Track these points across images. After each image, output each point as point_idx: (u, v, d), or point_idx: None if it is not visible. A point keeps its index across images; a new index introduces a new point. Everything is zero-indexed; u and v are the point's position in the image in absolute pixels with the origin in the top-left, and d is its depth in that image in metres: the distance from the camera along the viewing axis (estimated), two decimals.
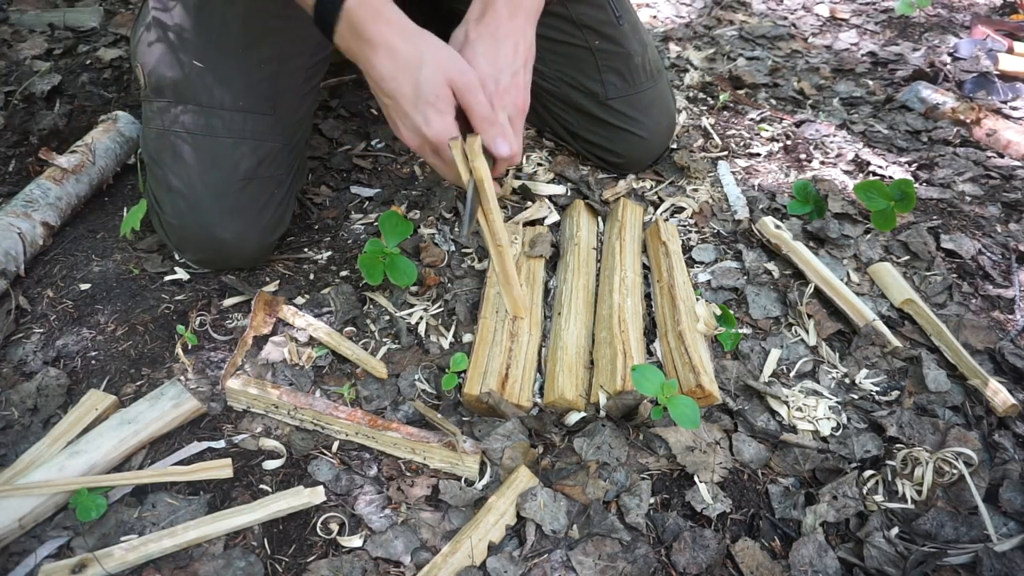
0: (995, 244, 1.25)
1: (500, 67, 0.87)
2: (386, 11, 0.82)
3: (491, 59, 0.87)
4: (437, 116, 0.82)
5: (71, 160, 1.23)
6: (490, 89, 0.85)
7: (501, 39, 0.88)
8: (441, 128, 0.82)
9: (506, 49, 0.88)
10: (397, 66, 0.82)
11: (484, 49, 0.87)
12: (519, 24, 0.90)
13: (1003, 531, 0.80)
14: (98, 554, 0.73)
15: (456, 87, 0.81)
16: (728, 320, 1.04)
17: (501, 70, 0.87)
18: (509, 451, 0.85)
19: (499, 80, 0.87)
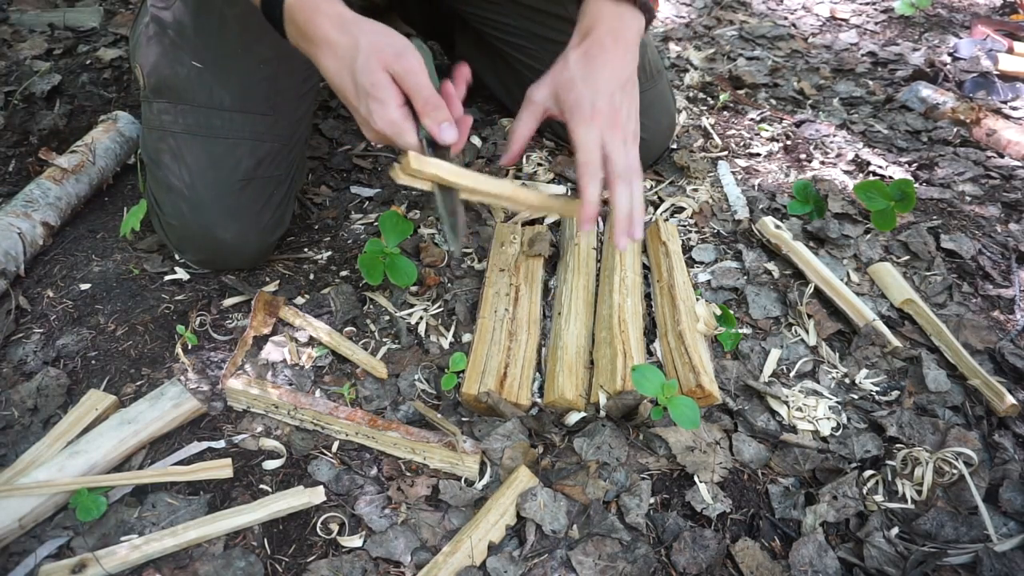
0: (995, 244, 1.25)
1: (597, 89, 0.85)
2: (324, 6, 0.79)
3: (589, 82, 0.85)
4: (379, 107, 0.77)
5: (71, 160, 1.23)
6: (586, 112, 0.84)
7: (599, 64, 0.86)
8: (385, 120, 0.77)
9: (604, 73, 0.86)
10: (338, 61, 0.79)
11: (581, 72, 0.86)
12: (619, 52, 0.88)
13: (1003, 531, 0.80)
14: (98, 554, 0.73)
15: (394, 73, 0.77)
16: (728, 320, 1.04)
17: (598, 92, 0.84)
18: (509, 451, 0.85)
19: (595, 103, 0.84)
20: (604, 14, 0.89)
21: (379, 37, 0.78)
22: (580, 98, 0.84)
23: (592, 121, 0.84)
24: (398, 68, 0.77)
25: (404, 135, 0.78)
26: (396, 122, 0.77)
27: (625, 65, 0.89)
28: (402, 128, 0.78)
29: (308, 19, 0.79)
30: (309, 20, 0.79)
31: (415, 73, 0.77)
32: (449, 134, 0.79)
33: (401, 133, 0.78)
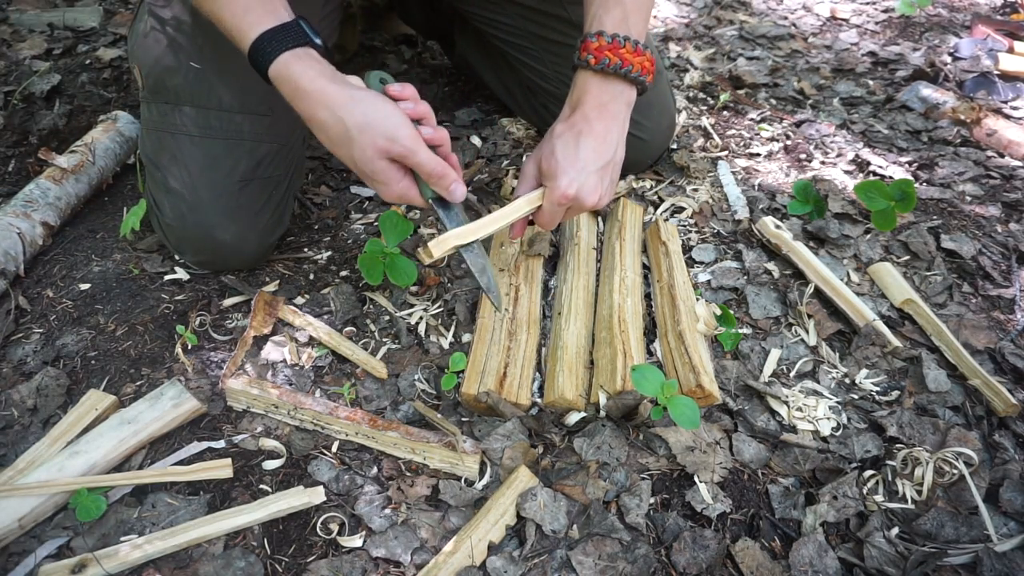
0: (995, 244, 1.25)
1: (578, 168, 0.89)
2: (305, 80, 0.80)
3: (569, 159, 0.89)
4: (384, 188, 0.84)
5: (71, 160, 1.23)
6: (558, 191, 0.88)
7: (583, 141, 0.90)
8: (392, 196, 0.85)
9: (586, 153, 0.90)
10: (332, 141, 0.83)
11: (563, 147, 0.90)
12: (604, 127, 0.92)
13: (1003, 531, 0.80)
14: (98, 554, 0.73)
15: (395, 157, 0.82)
16: (728, 320, 1.04)
17: (578, 171, 0.89)
18: (509, 451, 0.85)
19: (569, 184, 0.88)
20: (592, 87, 0.92)
21: (366, 118, 0.80)
22: (557, 174, 0.89)
23: (559, 203, 0.90)
24: (396, 152, 0.81)
25: (413, 201, 0.87)
26: (403, 195, 0.85)
27: (609, 143, 0.92)
28: (409, 197, 0.86)
29: (293, 96, 0.82)
30: (294, 97, 0.82)
31: (413, 152, 0.81)
32: (459, 193, 0.86)
33: (410, 200, 0.86)
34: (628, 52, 0.91)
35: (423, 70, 1.80)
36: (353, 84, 0.83)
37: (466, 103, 1.63)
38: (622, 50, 0.91)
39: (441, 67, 1.82)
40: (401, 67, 1.80)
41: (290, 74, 0.81)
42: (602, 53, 0.90)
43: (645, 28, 0.96)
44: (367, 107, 0.81)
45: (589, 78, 0.92)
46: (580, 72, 0.93)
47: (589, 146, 0.90)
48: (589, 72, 0.92)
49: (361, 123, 0.80)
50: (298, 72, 0.81)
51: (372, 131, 0.80)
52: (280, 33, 0.82)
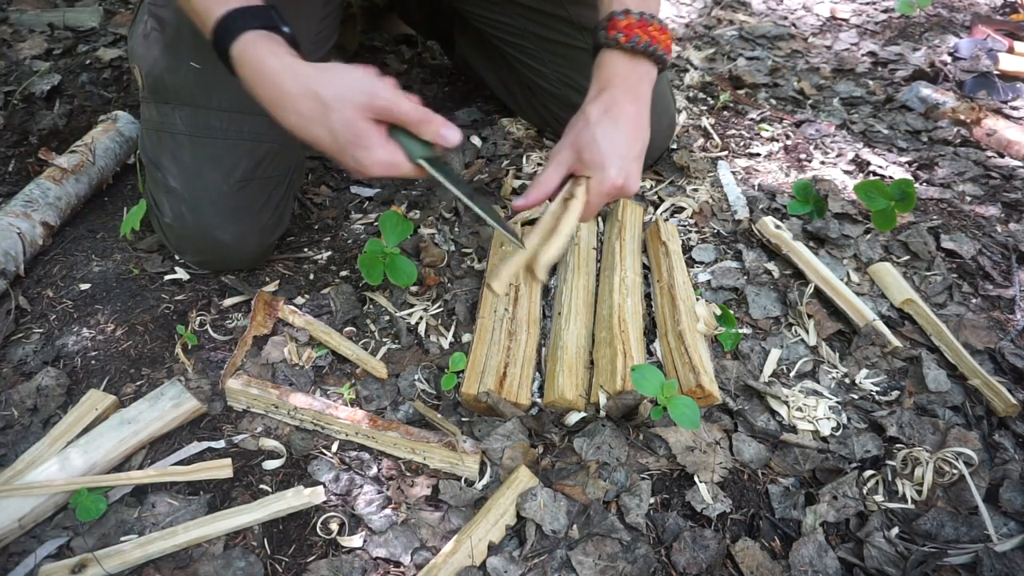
0: (995, 244, 1.25)
1: (618, 155, 0.87)
2: (271, 58, 0.77)
3: (609, 146, 0.87)
4: (367, 153, 0.77)
5: (71, 160, 1.23)
6: (605, 179, 0.86)
7: (621, 127, 0.88)
8: (378, 163, 0.78)
9: (625, 139, 0.88)
10: (303, 117, 0.78)
11: (602, 133, 0.87)
12: (637, 111, 0.90)
13: (1003, 531, 0.80)
14: (98, 554, 0.73)
15: (377, 112, 0.77)
16: (728, 320, 1.04)
17: (618, 159, 0.87)
18: (509, 451, 0.85)
19: (614, 171, 0.87)
20: (621, 68, 0.90)
21: (342, 83, 0.77)
22: (605, 164, 0.87)
23: (609, 193, 0.88)
24: (378, 106, 0.76)
25: (399, 167, 0.79)
26: (390, 161, 0.78)
27: (644, 127, 0.91)
28: (395, 162, 0.78)
29: (255, 76, 0.78)
30: (257, 80, 0.78)
31: (395, 103, 0.76)
32: (452, 136, 0.79)
33: (397, 166, 0.78)
34: (655, 30, 0.89)
35: (423, 70, 1.80)
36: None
37: (466, 103, 1.63)
38: (650, 28, 0.89)
39: (441, 67, 1.82)
40: (401, 67, 1.80)
41: (255, 53, 0.77)
42: (632, 31, 0.88)
43: (660, 5, 0.94)
44: (339, 73, 0.77)
45: (617, 58, 0.90)
46: (608, 52, 0.91)
47: (629, 132, 0.88)
48: (618, 51, 0.90)
49: (337, 88, 0.76)
50: (263, 52, 0.77)
51: (350, 92, 0.76)
52: (248, 13, 0.78)
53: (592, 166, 0.88)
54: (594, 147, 0.87)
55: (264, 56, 0.77)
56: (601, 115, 0.88)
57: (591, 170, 0.88)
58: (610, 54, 0.91)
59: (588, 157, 0.88)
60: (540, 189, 0.89)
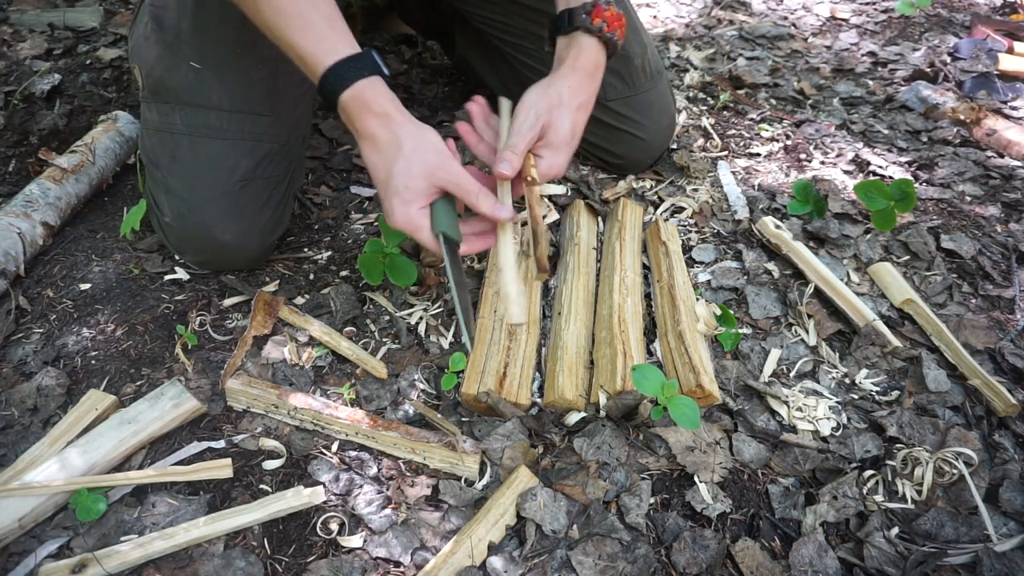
0: (995, 244, 1.25)
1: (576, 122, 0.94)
2: (376, 105, 0.85)
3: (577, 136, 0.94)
4: (402, 206, 0.84)
5: (71, 160, 1.23)
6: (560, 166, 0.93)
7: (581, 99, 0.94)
8: (404, 217, 0.84)
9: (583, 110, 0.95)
10: (378, 155, 0.86)
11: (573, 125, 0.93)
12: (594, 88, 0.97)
13: (1003, 531, 0.80)
14: (98, 554, 0.73)
15: (438, 181, 0.84)
16: (728, 320, 1.04)
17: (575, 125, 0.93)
18: (509, 451, 0.85)
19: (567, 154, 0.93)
20: (592, 54, 0.96)
21: (421, 140, 0.85)
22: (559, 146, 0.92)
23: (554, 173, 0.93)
24: (443, 177, 0.84)
25: (420, 232, 0.85)
26: (413, 221, 0.85)
27: (593, 101, 0.98)
28: (419, 226, 0.85)
29: (357, 114, 0.85)
30: (358, 115, 0.85)
31: (459, 177, 0.84)
32: (505, 212, 0.87)
33: (418, 230, 0.85)
34: (626, 28, 0.96)
35: (423, 70, 1.80)
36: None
37: (466, 103, 1.63)
38: (620, 20, 0.95)
39: (441, 67, 1.82)
40: (401, 67, 1.80)
41: (363, 98, 0.84)
42: (613, 24, 0.93)
43: None
44: (426, 132, 0.86)
45: (595, 46, 0.94)
46: (586, 37, 0.94)
47: (585, 108, 0.95)
48: (595, 39, 0.94)
49: (417, 143, 0.84)
50: (370, 97, 0.84)
51: (426, 152, 0.84)
52: (356, 62, 0.85)
53: (551, 147, 0.92)
54: (561, 132, 0.91)
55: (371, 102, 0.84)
56: (577, 104, 0.93)
57: (547, 149, 0.92)
58: (588, 40, 0.94)
59: (552, 138, 0.92)
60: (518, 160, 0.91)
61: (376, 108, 0.85)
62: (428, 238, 0.86)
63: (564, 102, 0.92)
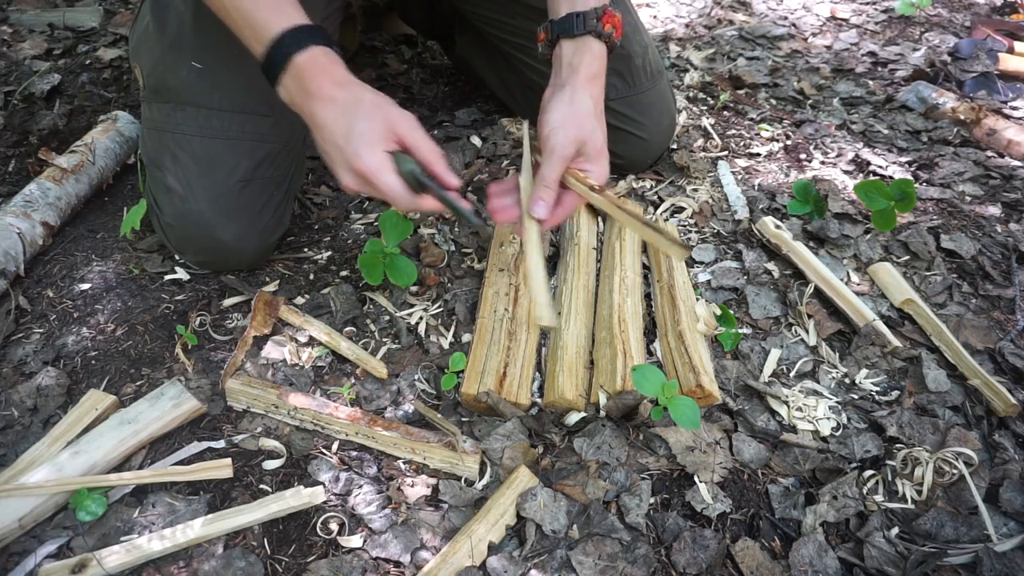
0: (995, 244, 1.25)
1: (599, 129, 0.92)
2: (331, 69, 0.85)
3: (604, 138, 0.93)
4: (367, 149, 0.82)
5: (71, 160, 1.23)
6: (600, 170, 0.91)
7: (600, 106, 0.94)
8: (368, 161, 0.82)
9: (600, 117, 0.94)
10: (335, 112, 0.84)
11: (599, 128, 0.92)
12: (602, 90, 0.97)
13: (1003, 531, 0.80)
14: (98, 554, 0.73)
15: (399, 129, 0.83)
16: (728, 320, 1.04)
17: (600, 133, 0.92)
18: (509, 451, 0.85)
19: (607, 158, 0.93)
20: (600, 58, 0.96)
21: (381, 99, 0.85)
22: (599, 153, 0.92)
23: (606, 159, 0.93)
24: (403, 124, 0.83)
25: (384, 175, 0.82)
26: (381, 163, 0.82)
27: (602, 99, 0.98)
28: (384, 168, 0.82)
29: (313, 76, 0.84)
30: (314, 77, 0.84)
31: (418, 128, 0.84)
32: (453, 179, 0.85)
33: (381, 172, 0.82)
34: (620, 28, 0.95)
35: (423, 70, 1.80)
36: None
37: (466, 103, 1.63)
38: (620, 27, 0.95)
39: (441, 67, 1.82)
40: (401, 67, 1.80)
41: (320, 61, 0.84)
42: (619, 31, 0.94)
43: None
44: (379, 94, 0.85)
45: (602, 49, 0.94)
46: (595, 41, 0.94)
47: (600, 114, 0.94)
48: (604, 45, 0.94)
49: (374, 99, 0.84)
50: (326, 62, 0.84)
51: (388, 105, 0.84)
52: (312, 31, 0.85)
53: (592, 159, 0.91)
54: (599, 142, 0.91)
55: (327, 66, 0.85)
56: (601, 111, 0.93)
57: (589, 163, 0.91)
58: (598, 45, 0.94)
59: (591, 151, 0.91)
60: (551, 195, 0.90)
61: (335, 74, 0.84)
62: (393, 181, 0.83)
63: (593, 112, 0.91)
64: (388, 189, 0.83)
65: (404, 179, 0.83)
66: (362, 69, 1.76)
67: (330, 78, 0.84)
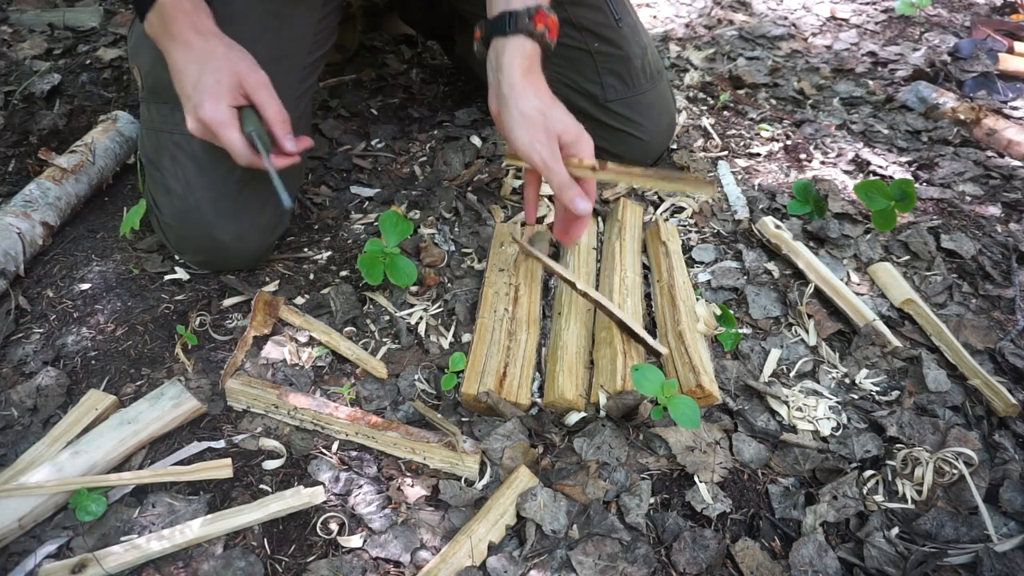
0: (995, 244, 1.25)
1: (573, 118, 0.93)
2: (193, 15, 0.89)
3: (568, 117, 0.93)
4: (212, 102, 0.86)
5: (71, 160, 1.23)
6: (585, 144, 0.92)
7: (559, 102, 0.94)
8: (211, 113, 0.85)
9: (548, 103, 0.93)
10: (188, 57, 0.88)
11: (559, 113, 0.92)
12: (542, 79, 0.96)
13: (1003, 531, 0.80)
14: (98, 554, 0.73)
15: (246, 85, 0.87)
16: (728, 320, 1.04)
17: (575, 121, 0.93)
18: (509, 451, 0.85)
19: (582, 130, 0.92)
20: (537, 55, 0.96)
21: (236, 52, 0.89)
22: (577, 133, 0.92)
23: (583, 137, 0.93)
24: (251, 81, 0.87)
25: (226, 129, 0.87)
26: (224, 117, 0.86)
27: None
28: (228, 123, 0.87)
29: (175, 19, 0.88)
30: (176, 20, 0.88)
31: (264, 88, 0.88)
32: (290, 144, 0.89)
33: (224, 126, 0.86)
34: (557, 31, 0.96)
35: (423, 70, 1.80)
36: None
37: (466, 103, 1.63)
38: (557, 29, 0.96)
39: (441, 67, 1.82)
40: (401, 67, 1.80)
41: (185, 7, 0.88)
42: (554, 30, 0.94)
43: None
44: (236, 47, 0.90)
45: (533, 47, 0.94)
46: (528, 40, 0.93)
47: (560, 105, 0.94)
48: (533, 42, 0.93)
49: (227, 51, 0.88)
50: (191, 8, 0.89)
51: (240, 58, 0.88)
52: None
53: (575, 144, 0.92)
54: (570, 126, 0.92)
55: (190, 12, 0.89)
56: (550, 102, 0.93)
57: (575, 147, 0.92)
58: (531, 44, 0.94)
59: (569, 137, 0.92)
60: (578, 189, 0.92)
61: (198, 22, 0.89)
62: (235, 137, 0.87)
63: (543, 107, 0.92)
64: (228, 143, 0.87)
65: (245, 137, 0.87)
66: (362, 69, 1.76)
67: (192, 24, 0.88)
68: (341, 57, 1.77)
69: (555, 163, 0.90)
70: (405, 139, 1.51)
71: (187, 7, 0.89)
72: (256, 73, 0.88)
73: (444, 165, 1.40)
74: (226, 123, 0.87)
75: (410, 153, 1.47)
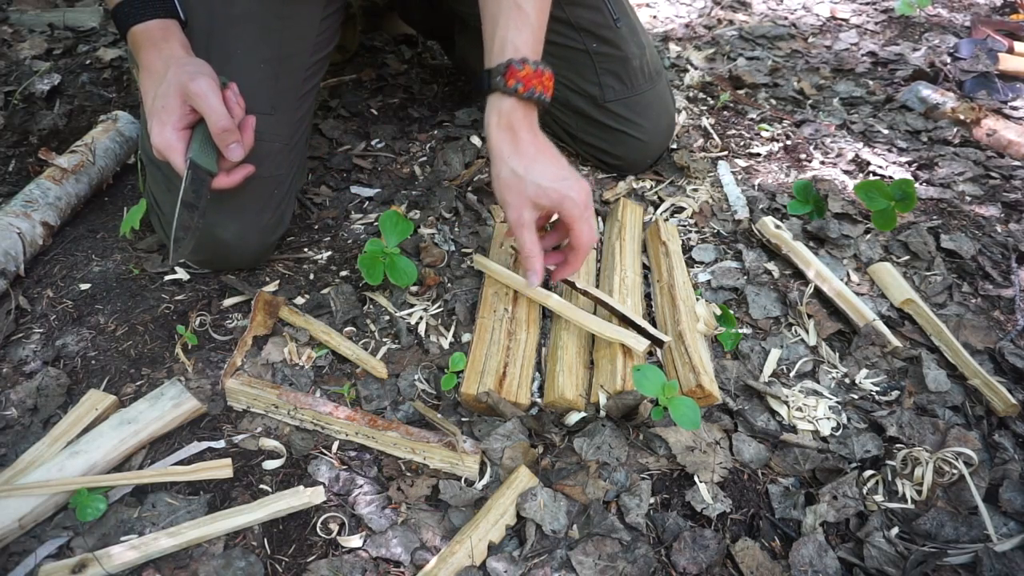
0: (995, 244, 1.25)
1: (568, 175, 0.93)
2: (161, 42, 0.91)
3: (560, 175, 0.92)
4: (159, 127, 0.87)
5: (71, 160, 1.23)
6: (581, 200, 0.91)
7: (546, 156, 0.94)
8: (160, 138, 0.87)
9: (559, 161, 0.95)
10: (149, 83, 0.90)
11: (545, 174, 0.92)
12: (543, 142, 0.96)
13: (1003, 531, 0.80)
14: (98, 554, 0.73)
15: (189, 97, 0.86)
16: (728, 320, 1.04)
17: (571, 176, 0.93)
18: (509, 451, 0.85)
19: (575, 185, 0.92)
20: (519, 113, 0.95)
21: (186, 67, 0.88)
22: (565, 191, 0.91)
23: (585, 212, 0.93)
24: (192, 92, 0.85)
25: (173, 154, 0.88)
26: (168, 142, 0.87)
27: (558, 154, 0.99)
28: (173, 148, 0.87)
29: (141, 46, 0.92)
30: (143, 49, 0.92)
31: (204, 97, 0.85)
32: (238, 152, 0.90)
33: (171, 150, 0.87)
34: (547, 79, 0.95)
35: (423, 70, 1.80)
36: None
37: (466, 103, 1.63)
38: (543, 77, 0.95)
39: (441, 67, 1.82)
40: (401, 67, 1.80)
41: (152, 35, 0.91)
42: (530, 83, 0.93)
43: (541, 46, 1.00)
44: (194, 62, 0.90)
45: (514, 104, 0.94)
46: (505, 97, 0.94)
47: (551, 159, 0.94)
48: (515, 99, 0.94)
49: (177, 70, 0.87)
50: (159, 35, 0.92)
51: (181, 72, 0.87)
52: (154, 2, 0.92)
53: (558, 204, 0.91)
54: (550, 190, 0.91)
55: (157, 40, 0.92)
56: (530, 161, 0.92)
57: (562, 208, 0.92)
58: (508, 100, 0.94)
59: (548, 203, 0.92)
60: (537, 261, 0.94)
61: (163, 48, 0.90)
62: (178, 163, 0.87)
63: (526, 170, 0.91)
64: (176, 169, 0.88)
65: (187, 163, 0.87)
66: (362, 69, 1.76)
67: (157, 51, 0.90)
68: (341, 57, 1.77)
69: (519, 229, 0.93)
70: (405, 139, 1.51)
71: (155, 35, 0.91)
72: (196, 81, 0.85)
73: (444, 165, 1.40)
74: (170, 147, 0.87)
75: (410, 153, 1.47)
